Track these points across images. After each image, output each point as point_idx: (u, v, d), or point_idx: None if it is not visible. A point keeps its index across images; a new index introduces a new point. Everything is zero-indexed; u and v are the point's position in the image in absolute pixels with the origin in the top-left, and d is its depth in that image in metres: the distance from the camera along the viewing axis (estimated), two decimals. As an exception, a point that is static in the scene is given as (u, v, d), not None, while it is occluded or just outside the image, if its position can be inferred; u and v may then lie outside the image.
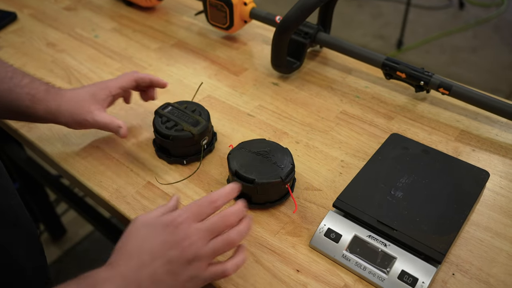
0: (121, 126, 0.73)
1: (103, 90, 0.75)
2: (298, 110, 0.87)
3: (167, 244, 0.50)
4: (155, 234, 0.51)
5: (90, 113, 0.72)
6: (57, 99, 0.72)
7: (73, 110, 0.72)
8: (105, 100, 0.75)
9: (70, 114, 0.72)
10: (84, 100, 0.73)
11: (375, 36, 2.96)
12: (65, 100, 0.72)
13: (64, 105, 0.72)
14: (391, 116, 0.85)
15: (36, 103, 0.71)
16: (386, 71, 0.87)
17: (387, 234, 0.60)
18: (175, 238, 0.50)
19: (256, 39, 1.09)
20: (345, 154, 0.77)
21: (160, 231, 0.51)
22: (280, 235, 0.65)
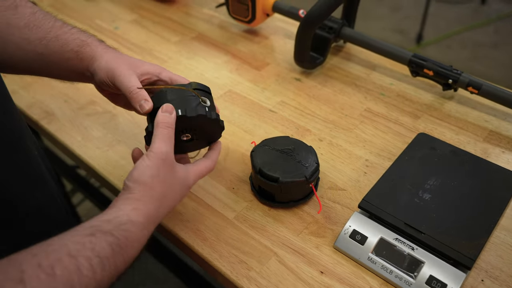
0: (146, 100, 0.60)
1: (156, 68, 0.66)
2: (321, 107, 0.86)
3: (182, 199, 0.58)
4: (182, 195, 0.57)
5: (122, 70, 0.63)
6: (108, 49, 0.66)
7: (111, 59, 0.64)
8: (148, 74, 0.65)
9: (106, 62, 0.64)
10: (129, 60, 0.65)
11: (394, 30, 2.91)
12: (113, 53, 0.65)
13: (108, 54, 0.65)
14: (417, 114, 0.83)
15: (84, 46, 0.65)
16: (413, 68, 0.85)
17: (415, 237, 0.59)
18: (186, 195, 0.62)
19: (278, 33, 1.08)
20: (369, 153, 0.76)
21: (184, 192, 0.58)
22: (303, 235, 0.64)
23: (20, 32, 0.64)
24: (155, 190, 0.52)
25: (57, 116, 0.86)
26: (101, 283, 0.43)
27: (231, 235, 0.65)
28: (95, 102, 0.89)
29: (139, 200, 0.50)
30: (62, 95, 0.91)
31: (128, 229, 0.47)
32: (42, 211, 0.57)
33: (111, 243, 0.45)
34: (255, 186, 0.69)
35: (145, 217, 0.50)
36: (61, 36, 0.65)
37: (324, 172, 0.73)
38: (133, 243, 0.47)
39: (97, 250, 0.43)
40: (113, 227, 0.47)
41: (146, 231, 0.50)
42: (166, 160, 0.54)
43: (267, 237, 0.64)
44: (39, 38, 0.65)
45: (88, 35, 0.67)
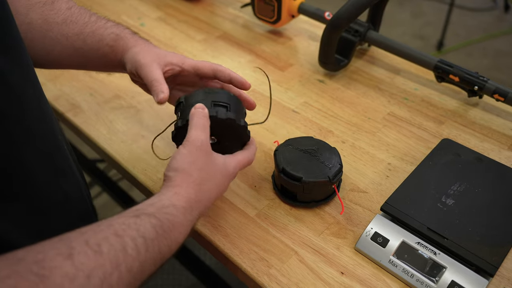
0: (163, 91, 0.61)
1: (179, 58, 0.67)
2: (344, 109, 0.86)
3: (223, 189, 0.59)
4: (223, 183, 0.58)
5: (146, 59, 0.64)
6: (139, 41, 0.67)
7: (140, 51, 0.65)
8: (171, 64, 0.66)
9: (135, 52, 0.65)
10: (154, 52, 0.66)
11: (415, 36, 2.90)
12: (144, 45, 0.67)
13: (138, 47, 0.66)
14: (441, 120, 0.83)
15: (119, 40, 0.67)
16: (438, 74, 0.85)
17: (437, 242, 0.59)
18: (224, 188, 0.59)
19: (302, 35, 1.08)
20: (392, 157, 0.76)
21: (224, 179, 0.58)
22: (324, 235, 0.64)
23: (58, 28, 0.65)
24: (193, 176, 0.53)
25: (83, 109, 0.87)
26: (144, 264, 0.43)
27: (252, 232, 0.65)
28: (120, 97, 0.90)
29: (179, 186, 0.51)
30: (88, 88, 0.92)
31: (171, 213, 0.48)
32: (67, 202, 0.58)
33: (155, 225, 0.46)
34: (277, 185, 0.70)
35: (186, 201, 0.51)
36: (97, 31, 0.67)
37: (346, 174, 0.73)
38: (176, 227, 0.48)
39: (141, 230, 0.44)
40: (156, 210, 0.48)
41: (189, 215, 0.50)
42: (202, 148, 0.55)
43: (288, 236, 0.65)
44: (76, 34, 0.66)
45: (122, 28, 0.68)
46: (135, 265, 0.42)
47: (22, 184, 0.49)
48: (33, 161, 0.51)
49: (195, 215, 0.52)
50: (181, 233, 0.49)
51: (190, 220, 0.51)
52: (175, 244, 0.48)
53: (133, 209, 0.48)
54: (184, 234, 0.50)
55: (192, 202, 0.52)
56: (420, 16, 3.11)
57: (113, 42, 0.67)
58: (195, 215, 0.52)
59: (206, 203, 0.55)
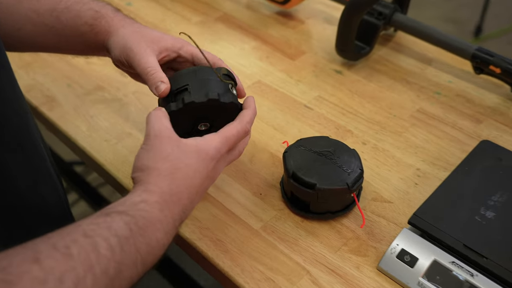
0: (163, 81, 0.62)
1: (176, 42, 0.67)
2: (365, 105, 0.86)
3: (209, 179, 0.58)
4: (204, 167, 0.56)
5: (138, 45, 0.64)
6: (125, 21, 0.68)
7: (128, 35, 0.65)
8: (166, 50, 0.67)
9: (123, 38, 0.65)
10: (147, 35, 0.66)
11: (448, 20, 2.90)
12: (130, 26, 0.67)
13: (125, 29, 0.66)
14: (479, 119, 0.83)
15: (99, 19, 0.67)
16: (476, 64, 0.85)
17: (475, 261, 0.59)
18: (214, 174, 0.59)
19: (316, 17, 1.08)
20: (421, 161, 0.76)
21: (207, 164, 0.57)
22: (342, 252, 0.65)
23: (28, 3, 0.66)
24: (159, 169, 0.53)
25: (60, 102, 0.88)
26: (121, 265, 0.44)
27: (256, 247, 0.65)
28: (102, 88, 0.90)
29: (147, 183, 0.52)
30: (66, 78, 0.93)
31: (144, 209, 0.49)
32: (44, 207, 0.58)
33: (128, 222, 0.47)
34: (287, 193, 0.70)
35: (159, 195, 0.51)
36: (73, 6, 0.67)
37: (368, 181, 0.73)
38: (153, 223, 0.49)
39: (114, 228, 0.45)
40: (128, 207, 0.48)
41: (166, 210, 0.51)
42: (160, 136, 0.55)
43: (298, 252, 0.65)
44: (49, 10, 0.67)
45: (102, 4, 0.69)
46: (111, 266, 0.43)
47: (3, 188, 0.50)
48: (8, 160, 0.51)
49: (174, 210, 0.52)
50: (160, 230, 0.49)
51: (169, 216, 0.51)
52: (155, 243, 0.49)
53: (102, 210, 0.48)
54: (165, 232, 0.50)
55: (165, 195, 0.52)
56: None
57: (93, 21, 0.67)
58: (175, 210, 0.52)
59: (186, 194, 0.54)
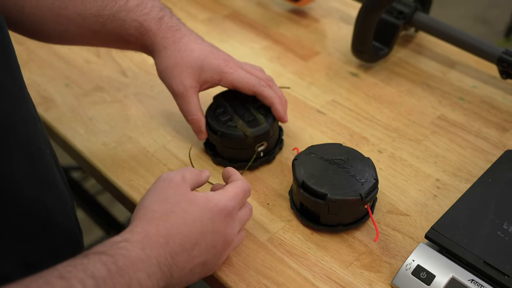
0: (202, 131, 0.76)
1: (214, 73, 0.75)
2: (382, 110, 0.87)
3: (215, 234, 0.57)
4: (211, 223, 0.57)
5: (182, 86, 0.74)
6: (167, 39, 0.74)
7: (172, 66, 0.74)
8: (207, 83, 0.76)
9: (166, 67, 0.74)
10: (188, 66, 0.74)
11: (477, 20, 2.90)
12: (173, 48, 0.74)
13: (167, 52, 0.74)
14: (506, 127, 0.84)
15: (143, 34, 0.74)
16: (503, 68, 0.86)
17: (496, 280, 0.60)
18: (225, 231, 0.58)
19: (331, 16, 1.10)
20: (442, 172, 0.77)
21: (217, 220, 0.57)
22: (353, 268, 0.66)
23: (73, 5, 0.71)
24: (154, 210, 0.55)
25: (57, 103, 0.90)
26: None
27: (262, 261, 0.66)
28: (102, 88, 0.92)
29: (135, 225, 0.53)
30: (64, 77, 0.95)
31: (124, 247, 0.50)
32: (51, 221, 0.60)
33: (106, 262, 0.47)
34: (296, 203, 0.71)
35: (142, 235, 0.52)
36: (118, 14, 0.72)
37: (383, 192, 0.74)
38: (133, 262, 0.49)
39: (90, 270, 0.46)
40: (107, 247, 0.50)
41: (149, 250, 0.51)
42: (169, 181, 0.58)
43: (307, 267, 0.66)
44: (94, 15, 0.72)
45: (146, 12, 0.74)
46: None
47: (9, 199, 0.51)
48: (13, 168, 0.53)
49: (159, 251, 0.52)
50: (142, 270, 0.49)
51: (152, 256, 0.51)
52: (137, 285, 0.49)
53: (82, 253, 0.49)
54: (148, 274, 0.50)
55: (150, 235, 0.52)
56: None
57: (137, 34, 0.74)
58: (160, 251, 0.52)
59: (178, 240, 0.54)
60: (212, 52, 0.76)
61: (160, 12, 0.75)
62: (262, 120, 0.76)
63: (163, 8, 0.76)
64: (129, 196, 0.75)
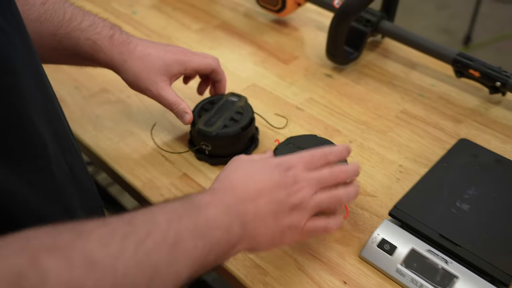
0: (187, 112, 0.73)
1: (178, 65, 0.74)
2: (353, 106, 0.88)
3: (276, 184, 0.53)
4: (264, 171, 0.55)
5: (155, 84, 0.73)
6: (123, 52, 0.72)
7: (138, 73, 0.72)
8: (175, 76, 0.75)
9: (133, 75, 0.72)
10: (153, 67, 0.72)
11: (440, 30, 2.91)
12: (132, 58, 0.72)
13: (129, 63, 0.72)
14: (460, 119, 0.84)
15: (97, 51, 0.71)
16: (457, 68, 0.87)
17: (449, 250, 0.60)
18: (285, 180, 0.54)
19: (309, 25, 1.10)
20: (404, 159, 0.77)
21: (269, 169, 0.55)
22: (327, 242, 0.66)
23: (32, 25, 0.68)
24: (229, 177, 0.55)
25: (67, 103, 0.90)
26: (179, 235, 0.45)
27: (249, 238, 0.67)
28: (107, 90, 0.92)
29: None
30: (73, 80, 0.95)
31: (194, 195, 0.51)
32: (74, 177, 0.58)
33: (183, 202, 0.49)
34: (277, 187, 0.71)
35: (209, 191, 0.52)
36: (72, 34, 0.70)
37: (353, 176, 0.75)
38: (205, 203, 0.50)
39: (170, 206, 0.48)
40: (181, 197, 0.51)
41: (216, 196, 0.51)
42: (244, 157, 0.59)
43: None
44: (51, 34, 0.70)
45: (99, 29, 0.72)
46: (169, 235, 0.44)
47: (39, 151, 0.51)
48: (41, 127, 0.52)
49: (226, 198, 0.51)
50: (212, 209, 0.49)
51: (221, 199, 0.51)
52: (213, 217, 0.48)
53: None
54: (218, 210, 0.49)
55: (217, 189, 0.53)
56: (445, 8, 3.12)
57: (92, 51, 0.72)
58: (227, 199, 0.51)
59: (241, 190, 0.53)
60: (167, 50, 0.75)
61: (111, 30, 0.73)
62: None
63: (113, 27, 0.74)
64: (131, 183, 0.75)
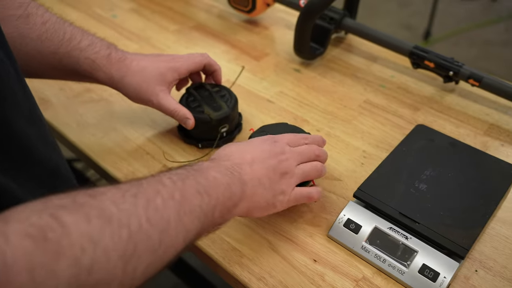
0: (188, 118, 0.73)
1: (172, 72, 0.74)
2: (320, 98, 0.88)
3: (267, 152, 0.58)
4: (256, 144, 0.59)
5: (155, 95, 0.72)
6: (121, 69, 0.71)
7: (138, 86, 0.72)
8: (172, 83, 0.74)
9: (134, 89, 0.72)
10: (150, 78, 0.72)
11: (402, 26, 2.93)
12: (130, 73, 0.72)
13: (128, 78, 0.71)
14: (417, 107, 0.85)
15: (97, 69, 0.71)
16: (414, 60, 0.87)
17: (409, 226, 0.61)
18: (274, 149, 0.59)
19: (278, 24, 1.10)
20: (367, 145, 0.78)
21: (260, 142, 0.60)
22: (297, 224, 0.66)
23: (33, 44, 0.67)
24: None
25: (52, 103, 0.88)
26: (185, 192, 0.47)
27: (227, 227, 0.66)
28: (90, 90, 0.91)
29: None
30: (59, 82, 0.93)
31: (196, 163, 0.53)
32: (58, 173, 0.59)
33: (185, 167, 0.51)
34: (250, 175, 0.71)
35: (210, 160, 0.55)
36: (72, 53, 0.69)
37: (321, 162, 0.75)
38: (207, 167, 0.52)
39: (174, 171, 0.49)
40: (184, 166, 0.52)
41: (216, 161, 0.54)
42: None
43: (260, 225, 0.66)
44: (51, 52, 0.69)
45: (97, 49, 0.71)
46: (176, 193, 0.45)
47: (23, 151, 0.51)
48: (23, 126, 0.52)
49: (225, 164, 0.54)
50: (214, 171, 0.51)
51: (221, 164, 0.54)
52: (213, 179, 0.50)
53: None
54: (220, 173, 0.52)
55: (216, 158, 0.56)
56: (407, 6, 3.14)
57: (91, 70, 0.71)
58: (226, 164, 0.54)
59: (237, 156, 0.56)
60: (159, 60, 0.74)
61: (108, 49, 0.72)
62: (224, 106, 0.76)
63: (110, 46, 0.73)
64: (113, 175, 0.74)
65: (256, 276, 0.60)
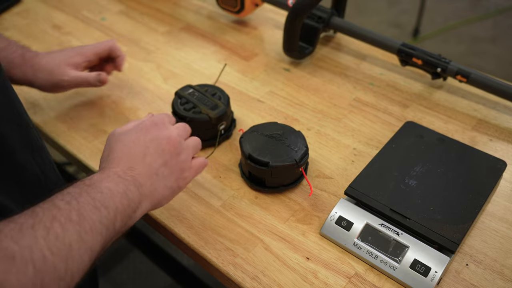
0: (100, 73, 0.79)
1: (79, 55, 0.80)
2: (310, 97, 0.88)
3: (155, 140, 0.56)
4: (140, 132, 0.57)
5: (66, 74, 0.78)
6: (34, 65, 0.77)
7: (49, 74, 0.77)
8: (80, 64, 0.80)
9: (46, 79, 0.77)
10: (59, 64, 0.78)
11: (391, 24, 2.94)
12: (41, 66, 0.77)
13: (40, 72, 0.77)
14: (406, 104, 0.85)
15: (13, 68, 0.75)
16: (402, 58, 0.88)
17: (400, 222, 0.61)
18: (161, 133, 0.57)
19: (267, 24, 1.10)
20: (357, 142, 0.78)
21: (143, 127, 0.57)
22: (290, 222, 0.66)
23: None
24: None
25: (42, 107, 0.87)
26: (82, 211, 0.45)
27: (217, 223, 0.67)
28: (81, 93, 0.90)
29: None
30: (47, 86, 0.92)
31: (87, 178, 0.50)
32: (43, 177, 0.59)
33: (77, 185, 0.48)
34: (245, 173, 0.71)
35: (99, 172, 0.52)
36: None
37: (312, 161, 0.75)
38: (98, 180, 0.49)
39: (66, 191, 0.47)
40: (76, 183, 0.50)
41: (106, 171, 0.52)
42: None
43: (253, 225, 0.66)
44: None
45: (11, 51, 0.76)
46: (72, 214, 0.44)
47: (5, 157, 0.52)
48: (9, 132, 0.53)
49: (116, 170, 0.52)
50: (108, 182, 0.50)
51: (112, 173, 0.51)
52: (108, 190, 0.49)
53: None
54: (114, 182, 0.50)
55: (105, 168, 0.53)
56: (395, 4, 3.16)
57: (9, 68, 0.75)
58: (117, 170, 0.52)
59: (126, 158, 0.54)
60: (68, 49, 0.81)
61: (22, 50, 0.77)
62: (220, 104, 0.76)
63: (23, 47, 0.78)
64: (105, 179, 0.74)
65: (249, 275, 0.60)
